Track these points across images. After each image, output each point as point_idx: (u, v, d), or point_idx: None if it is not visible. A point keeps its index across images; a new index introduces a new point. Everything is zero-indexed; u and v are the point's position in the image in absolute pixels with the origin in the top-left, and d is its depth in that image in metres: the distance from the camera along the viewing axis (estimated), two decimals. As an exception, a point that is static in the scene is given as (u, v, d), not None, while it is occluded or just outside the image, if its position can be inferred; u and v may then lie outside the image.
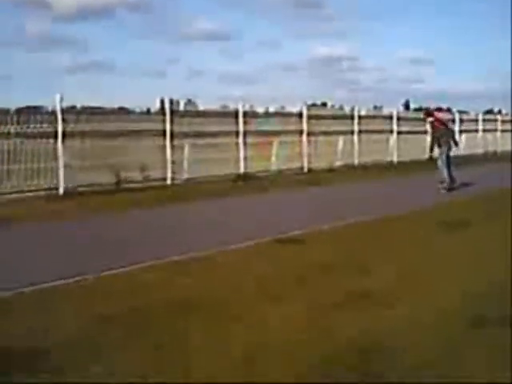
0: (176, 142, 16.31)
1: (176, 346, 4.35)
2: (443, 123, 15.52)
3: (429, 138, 15.70)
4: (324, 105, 33.33)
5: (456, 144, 15.34)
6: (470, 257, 7.14)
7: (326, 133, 21.22)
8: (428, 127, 16.24)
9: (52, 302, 5.48)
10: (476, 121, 32.00)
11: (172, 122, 16.25)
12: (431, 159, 14.90)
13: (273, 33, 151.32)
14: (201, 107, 18.21)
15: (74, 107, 14.92)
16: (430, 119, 15.27)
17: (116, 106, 16.92)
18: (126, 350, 4.28)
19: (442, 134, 14.72)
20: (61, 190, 13.67)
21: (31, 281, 6.00)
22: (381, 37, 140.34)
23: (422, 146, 26.55)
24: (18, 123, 13.27)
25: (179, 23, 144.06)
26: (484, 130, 32.33)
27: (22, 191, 13.12)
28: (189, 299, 5.46)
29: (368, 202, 12.60)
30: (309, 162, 20.36)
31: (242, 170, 17.93)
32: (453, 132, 16.03)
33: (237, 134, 18.06)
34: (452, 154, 14.81)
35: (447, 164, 14.39)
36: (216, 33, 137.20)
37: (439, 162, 14.53)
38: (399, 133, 25.18)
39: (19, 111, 13.83)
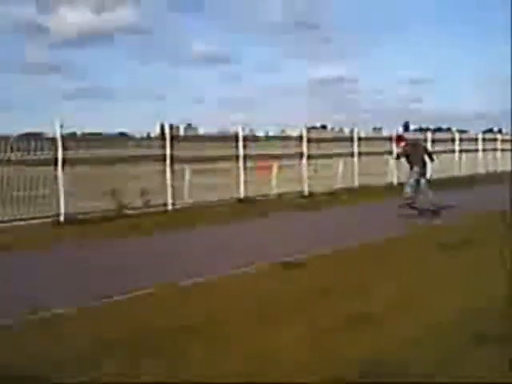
0: (176, 167, 16.33)
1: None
2: (417, 144, 15.50)
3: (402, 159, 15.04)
4: (324, 127, 33.47)
5: (432, 159, 15.07)
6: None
7: (325, 155, 21.25)
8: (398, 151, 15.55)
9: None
10: (476, 140, 32.06)
11: (172, 146, 16.28)
12: (430, 181, 14.91)
13: (272, 55, 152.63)
14: (201, 131, 18.27)
15: (74, 134, 14.97)
16: (402, 144, 14.93)
17: (116, 130, 17.02)
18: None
19: (416, 156, 14.38)
20: (61, 217, 13.66)
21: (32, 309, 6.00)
22: (380, 58, 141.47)
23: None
24: (19, 150, 13.31)
25: (178, 46, 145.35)
26: (484, 150, 32.37)
27: (23, 219, 13.11)
28: (190, 325, 5.47)
29: (368, 226, 12.61)
30: (309, 186, 20.36)
31: (242, 194, 17.93)
32: (425, 148, 15.64)
33: (237, 158, 18.09)
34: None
35: (417, 184, 14.09)
36: (215, 56, 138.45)
37: (410, 181, 14.18)
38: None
39: (19, 138, 13.89)
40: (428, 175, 15.01)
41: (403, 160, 15.05)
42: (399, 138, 15.60)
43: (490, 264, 8.01)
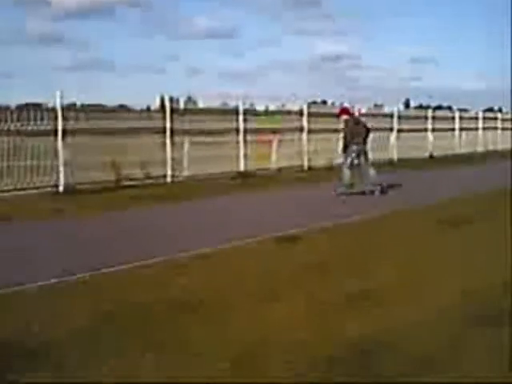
0: (176, 140, 16.32)
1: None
2: (359, 121, 14.05)
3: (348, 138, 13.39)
4: (324, 103, 33.12)
5: (365, 142, 13.68)
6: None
7: (326, 130, 21.19)
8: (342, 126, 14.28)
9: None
10: (476, 119, 32.00)
11: (172, 119, 16.24)
12: (432, 157, 14.82)
13: (273, 31, 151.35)
14: (201, 105, 18.15)
15: (74, 105, 14.94)
16: (345, 117, 13.90)
17: (116, 103, 16.94)
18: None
19: (356, 133, 13.38)
20: (61, 188, 13.68)
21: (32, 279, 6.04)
22: (381, 35, 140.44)
23: (422, 143, 26.76)
24: (18, 120, 13.28)
25: (179, 21, 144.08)
26: (484, 129, 32.33)
27: (23, 188, 13.13)
28: (187, 299, 5.48)
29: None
30: (309, 160, 20.36)
31: (242, 167, 17.94)
32: (368, 130, 13.85)
33: (237, 131, 18.06)
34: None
35: (354, 164, 13.22)
36: (216, 30, 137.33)
37: (346, 164, 13.24)
38: (400, 131, 25.21)
39: (19, 108, 13.84)
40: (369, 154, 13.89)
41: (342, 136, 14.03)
42: (343, 111, 14.67)
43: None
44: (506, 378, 3.84)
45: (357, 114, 16.17)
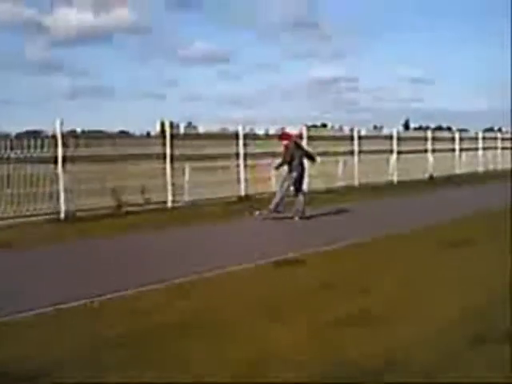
0: (176, 165, 16.35)
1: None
2: (299, 146, 13.92)
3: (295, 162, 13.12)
4: (324, 126, 33.39)
5: (313, 160, 14.29)
6: None
7: (326, 154, 21.25)
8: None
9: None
10: (476, 139, 32.09)
11: (172, 145, 16.30)
12: (432, 178, 14.81)
13: (271, 54, 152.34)
14: (201, 130, 18.22)
15: (74, 131, 14.99)
16: (285, 142, 13.50)
17: (116, 129, 17.00)
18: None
19: (296, 156, 13.21)
20: (62, 215, 13.68)
21: (30, 306, 6.03)
22: (379, 56, 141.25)
23: (422, 165, 26.79)
24: (18, 148, 13.31)
25: (178, 46, 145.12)
26: (484, 148, 32.40)
27: (23, 216, 13.13)
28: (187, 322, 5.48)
29: (367, 223, 12.64)
30: (309, 184, 20.36)
31: (242, 192, 17.95)
32: (307, 152, 13.97)
33: (237, 156, 18.11)
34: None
35: (288, 188, 13.17)
36: (214, 55, 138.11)
37: (284, 185, 13.17)
38: (399, 152, 25.26)
39: (19, 136, 13.89)
40: (305, 185, 13.95)
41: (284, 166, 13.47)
42: (284, 136, 14.22)
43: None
44: (507, 378, 3.86)
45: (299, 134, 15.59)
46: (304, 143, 20.42)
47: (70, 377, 4.30)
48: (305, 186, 14.16)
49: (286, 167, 13.44)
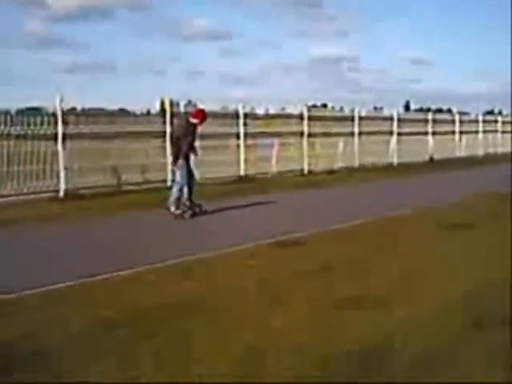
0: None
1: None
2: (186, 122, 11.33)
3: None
4: (324, 106, 33.39)
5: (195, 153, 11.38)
6: None
7: (326, 134, 21.23)
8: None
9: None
10: (476, 122, 32.03)
11: (172, 123, 16.22)
12: (432, 161, 14.80)
13: (273, 32, 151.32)
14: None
15: (74, 109, 14.90)
16: (195, 120, 11.11)
17: (116, 107, 16.88)
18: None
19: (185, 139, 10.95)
20: (61, 193, 13.67)
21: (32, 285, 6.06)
22: (381, 37, 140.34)
23: (422, 147, 26.76)
24: (18, 124, 13.26)
25: (180, 23, 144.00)
26: (484, 131, 32.35)
27: (23, 193, 13.12)
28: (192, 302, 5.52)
29: (366, 205, 12.66)
30: (309, 164, 20.37)
31: (242, 172, 17.93)
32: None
33: (237, 135, 18.05)
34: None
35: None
36: (216, 32, 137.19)
37: (178, 177, 11.07)
38: (399, 134, 25.22)
39: (19, 112, 13.82)
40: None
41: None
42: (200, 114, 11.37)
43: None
44: (507, 378, 3.88)
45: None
46: (305, 124, 20.44)
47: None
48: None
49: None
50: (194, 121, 11.13)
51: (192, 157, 11.26)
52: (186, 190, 10.98)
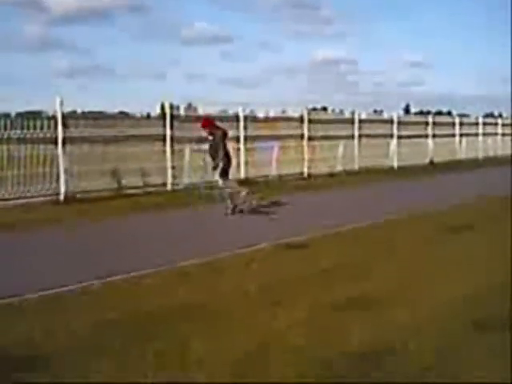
0: (176, 147, 16.29)
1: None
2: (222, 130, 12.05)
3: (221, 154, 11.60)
4: (324, 109, 33.41)
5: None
6: None
7: (326, 137, 21.23)
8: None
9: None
10: (476, 124, 32.02)
11: (172, 126, 16.23)
12: (432, 164, 14.77)
13: (273, 36, 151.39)
14: (201, 111, 18.13)
15: (74, 112, 14.91)
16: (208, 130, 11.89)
17: (116, 110, 16.92)
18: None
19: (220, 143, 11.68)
20: (61, 196, 13.65)
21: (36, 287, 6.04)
22: (381, 40, 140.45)
23: (422, 150, 26.75)
24: (18, 128, 13.25)
25: (180, 26, 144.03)
26: (484, 134, 32.33)
27: (23, 197, 13.10)
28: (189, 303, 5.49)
29: (367, 208, 12.65)
30: (309, 167, 20.36)
31: (242, 175, 17.91)
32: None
33: (237, 139, 18.04)
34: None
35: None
36: (216, 35, 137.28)
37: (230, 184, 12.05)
38: (400, 137, 25.20)
39: (19, 116, 13.82)
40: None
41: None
42: (208, 122, 12.17)
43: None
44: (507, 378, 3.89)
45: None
46: (305, 127, 20.44)
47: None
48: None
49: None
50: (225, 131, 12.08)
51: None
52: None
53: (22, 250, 8.46)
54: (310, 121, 20.62)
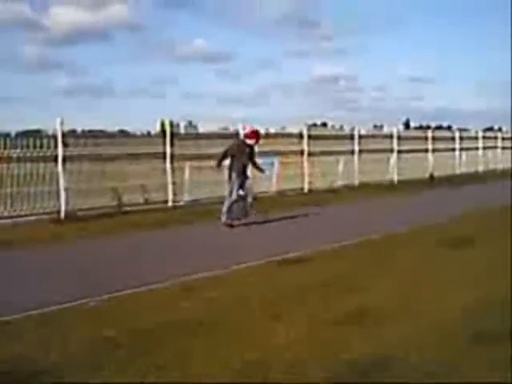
0: (176, 165, 16.33)
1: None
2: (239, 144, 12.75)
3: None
4: (324, 125, 33.46)
5: (261, 170, 13.09)
6: None
7: (326, 153, 21.27)
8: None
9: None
10: (476, 138, 32.07)
11: (172, 144, 16.29)
12: (432, 178, 14.79)
13: (272, 53, 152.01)
14: (201, 129, 18.20)
15: (74, 131, 14.97)
16: (251, 141, 12.50)
17: (116, 128, 16.98)
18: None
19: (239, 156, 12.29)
20: (62, 214, 13.67)
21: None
22: (380, 55, 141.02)
23: (422, 164, 26.77)
24: (18, 147, 13.30)
25: (178, 44, 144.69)
26: (484, 148, 32.38)
27: (24, 215, 13.12)
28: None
29: (366, 223, 12.66)
30: (309, 183, 20.38)
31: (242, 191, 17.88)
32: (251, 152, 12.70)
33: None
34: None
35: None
36: (214, 54, 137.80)
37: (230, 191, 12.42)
38: (399, 152, 25.24)
39: (19, 135, 13.87)
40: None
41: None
42: (256, 134, 12.76)
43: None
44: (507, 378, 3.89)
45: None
46: (304, 142, 20.49)
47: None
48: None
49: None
50: (250, 142, 12.39)
51: (249, 173, 12.45)
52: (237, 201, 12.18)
53: (18, 268, 8.45)
54: (309, 137, 20.69)
